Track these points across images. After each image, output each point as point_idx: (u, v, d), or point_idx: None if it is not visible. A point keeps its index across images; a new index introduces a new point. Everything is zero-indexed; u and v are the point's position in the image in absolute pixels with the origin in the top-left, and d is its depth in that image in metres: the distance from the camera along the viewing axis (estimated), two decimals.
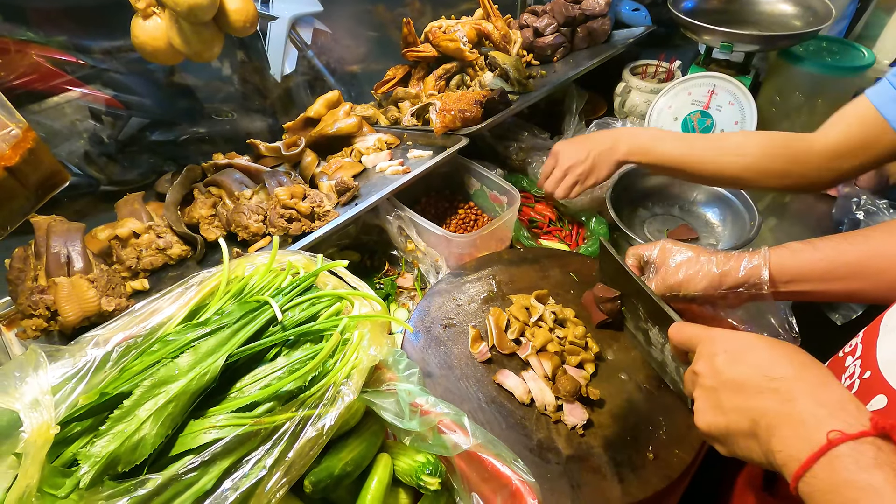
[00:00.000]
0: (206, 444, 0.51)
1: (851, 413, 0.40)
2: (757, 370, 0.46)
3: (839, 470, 0.37)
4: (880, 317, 0.53)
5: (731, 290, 0.71)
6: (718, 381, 0.49)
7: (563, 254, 1.03)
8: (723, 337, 0.52)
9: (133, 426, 0.48)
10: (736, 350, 0.50)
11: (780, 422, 0.42)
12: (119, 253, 0.90)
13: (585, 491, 0.65)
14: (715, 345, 0.52)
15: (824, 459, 0.38)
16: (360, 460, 0.62)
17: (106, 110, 1.29)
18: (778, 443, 0.42)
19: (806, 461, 0.39)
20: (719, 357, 0.50)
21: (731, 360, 0.49)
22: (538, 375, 0.76)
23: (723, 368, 0.49)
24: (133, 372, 0.55)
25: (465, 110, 1.11)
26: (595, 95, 1.62)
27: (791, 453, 0.40)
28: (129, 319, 0.63)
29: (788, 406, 0.42)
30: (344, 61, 1.52)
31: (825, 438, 0.38)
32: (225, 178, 1.00)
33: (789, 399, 0.43)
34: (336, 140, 1.16)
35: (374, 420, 0.65)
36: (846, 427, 0.38)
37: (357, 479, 0.62)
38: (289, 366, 0.59)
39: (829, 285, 0.66)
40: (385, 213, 1.07)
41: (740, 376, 0.47)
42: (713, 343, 0.52)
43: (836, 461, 0.38)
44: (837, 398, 0.41)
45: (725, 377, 0.49)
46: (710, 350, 0.52)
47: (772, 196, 1.36)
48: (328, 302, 0.68)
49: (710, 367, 0.51)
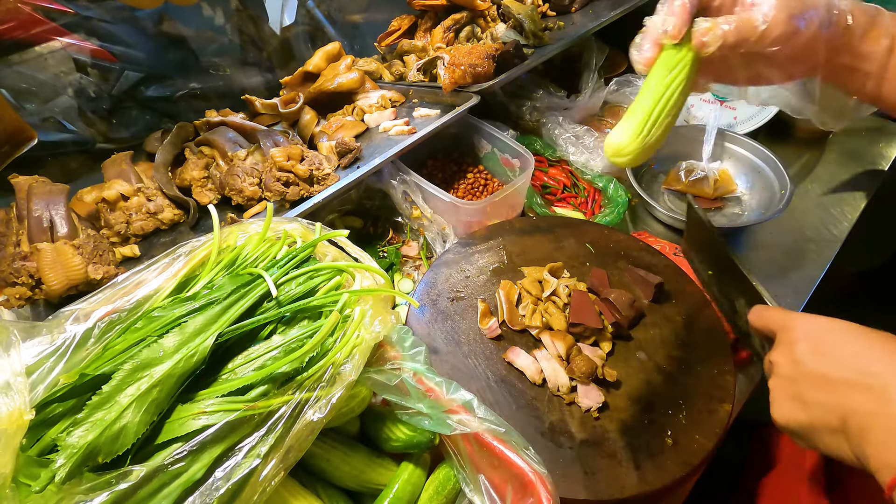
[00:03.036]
0: (194, 431, 0.47)
1: None
2: (847, 363, 0.43)
3: None
4: None
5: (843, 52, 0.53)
6: (798, 372, 0.45)
7: (579, 223, 0.97)
8: (805, 323, 0.48)
9: (113, 414, 0.44)
10: (820, 338, 0.46)
11: (874, 423, 0.39)
12: (107, 217, 0.85)
13: (599, 477, 0.62)
14: (795, 332, 0.48)
15: None
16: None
17: (92, 62, 1.21)
18: (872, 447, 0.38)
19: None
20: (800, 345, 0.46)
21: (814, 349, 0.45)
22: (551, 355, 0.71)
23: (804, 359, 0.45)
24: (116, 351, 0.51)
25: (476, 65, 1.02)
26: (615, 51, 1.50)
27: (887, 460, 0.37)
28: (112, 292, 0.58)
29: (885, 407, 0.39)
30: (345, 10, 1.41)
31: None
32: (218, 137, 0.93)
33: (886, 399, 0.39)
34: (337, 97, 1.08)
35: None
36: None
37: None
38: (285, 345, 0.55)
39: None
40: (389, 177, 1.00)
41: (826, 368, 0.44)
42: (793, 330, 0.48)
43: None
44: None
45: (807, 368, 0.45)
46: (789, 337, 0.48)
47: (802, 161, 1.28)
48: (327, 275, 0.63)
49: (789, 357, 0.47)
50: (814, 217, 1.11)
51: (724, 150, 1.13)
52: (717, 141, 1.10)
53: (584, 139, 1.16)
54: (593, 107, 1.28)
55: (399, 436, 0.62)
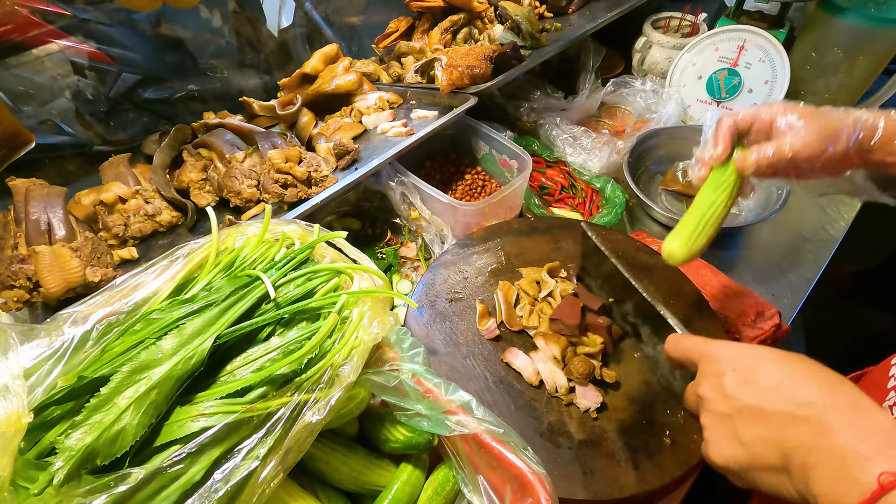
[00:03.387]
0: (193, 433, 0.47)
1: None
2: (778, 393, 0.40)
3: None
4: None
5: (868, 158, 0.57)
6: (732, 407, 0.43)
7: (576, 223, 0.97)
8: (727, 352, 0.46)
9: (112, 416, 0.44)
10: (746, 368, 0.43)
11: (817, 459, 0.36)
12: (105, 219, 0.85)
13: (598, 477, 0.62)
14: (720, 363, 0.45)
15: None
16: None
17: (89, 64, 1.20)
18: (818, 485, 0.36)
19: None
20: (728, 377, 0.44)
21: (743, 381, 0.43)
22: (546, 357, 0.71)
23: (735, 392, 0.43)
24: (114, 353, 0.51)
25: (473, 66, 1.02)
26: (612, 52, 1.51)
27: (835, 498, 0.35)
28: (110, 294, 0.58)
29: (825, 440, 0.36)
30: (343, 12, 1.41)
31: (876, 482, 0.33)
32: (215, 139, 0.93)
33: (824, 431, 0.37)
34: (334, 98, 1.08)
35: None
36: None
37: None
38: (283, 347, 0.55)
39: None
40: (387, 179, 1.00)
41: (759, 401, 0.41)
42: (717, 361, 0.45)
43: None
44: (880, 427, 0.36)
45: (740, 402, 0.42)
46: (715, 369, 0.45)
47: None
48: (325, 277, 0.63)
49: (718, 391, 0.44)
50: (810, 217, 1.12)
51: None
52: None
53: (581, 140, 1.16)
54: (591, 107, 1.29)
55: (398, 437, 0.62)
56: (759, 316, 0.84)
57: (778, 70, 1.13)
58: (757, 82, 1.16)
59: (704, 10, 1.38)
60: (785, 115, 0.58)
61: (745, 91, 1.18)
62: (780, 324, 0.84)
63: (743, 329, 0.82)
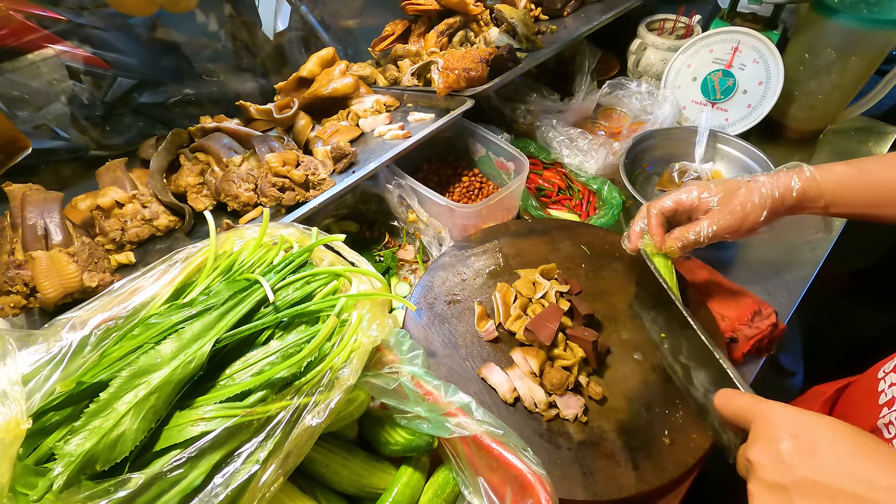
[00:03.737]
0: (193, 437, 0.47)
1: None
2: (846, 472, 0.37)
3: None
4: None
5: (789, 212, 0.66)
6: (789, 479, 0.38)
7: (574, 225, 0.98)
8: (788, 415, 0.41)
9: (111, 421, 0.44)
10: (809, 436, 0.39)
11: None
12: (102, 224, 0.84)
13: (598, 478, 0.62)
14: (778, 427, 0.41)
15: None
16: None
17: (85, 69, 1.20)
18: None
19: None
20: (786, 444, 0.39)
21: (805, 450, 0.39)
22: (524, 372, 0.71)
23: (794, 461, 0.38)
24: (113, 358, 0.51)
25: (469, 69, 1.02)
26: (607, 54, 1.52)
27: None
28: (108, 300, 0.58)
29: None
30: (339, 15, 1.42)
31: None
32: (212, 143, 0.93)
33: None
34: (331, 102, 1.08)
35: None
36: None
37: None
38: (282, 350, 0.55)
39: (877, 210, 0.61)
40: (385, 182, 1.00)
41: (823, 476, 0.37)
42: (775, 425, 0.41)
43: None
44: None
45: (799, 474, 0.38)
46: (771, 434, 0.41)
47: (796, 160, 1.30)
48: (324, 280, 0.63)
49: (773, 458, 0.40)
50: (805, 217, 1.12)
51: (716, 151, 1.14)
52: (709, 142, 1.11)
53: (577, 142, 1.17)
54: (587, 109, 1.29)
55: (398, 439, 0.62)
56: (756, 315, 0.84)
57: (772, 71, 1.14)
58: (751, 83, 1.17)
59: (698, 12, 1.39)
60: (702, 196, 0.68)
61: (740, 92, 1.19)
62: (777, 323, 0.84)
63: (740, 328, 0.82)
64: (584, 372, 0.72)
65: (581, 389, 0.70)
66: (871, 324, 1.53)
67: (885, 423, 0.54)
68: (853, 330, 1.52)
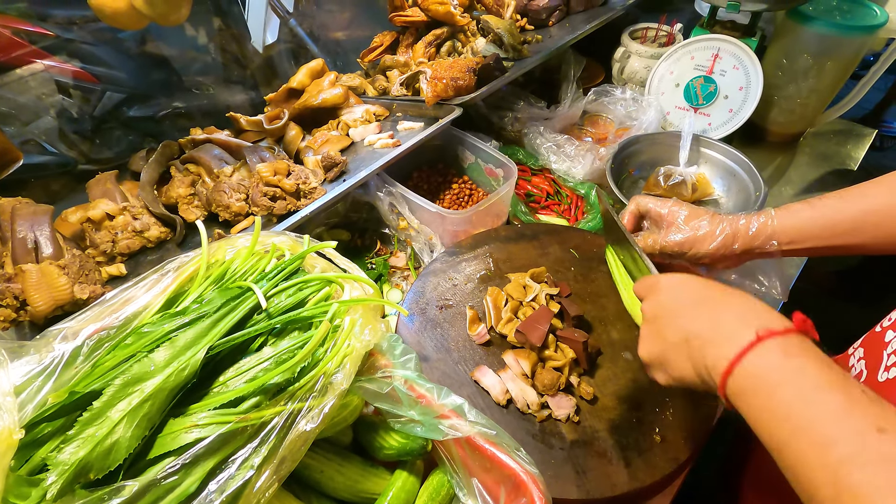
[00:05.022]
0: (187, 444, 0.47)
1: (776, 318, 0.43)
2: (690, 295, 0.51)
3: (768, 359, 0.40)
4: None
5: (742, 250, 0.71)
6: (659, 311, 0.53)
7: (563, 229, 0.99)
8: (667, 278, 0.55)
9: (105, 429, 0.44)
10: (673, 285, 0.53)
11: (712, 335, 0.45)
12: (92, 236, 0.84)
13: (591, 476, 0.63)
14: (660, 285, 0.55)
15: (752, 354, 0.41)
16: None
17: (74, 83, 1.21)
18: (710, 353, 0.44)
19: (735, 357, 0.41)
20: (662, 294, 0.54)
21: (669, 293, 0.53)
22: (515, 374, 0.72)
23: (663, 301, 0.53)
24: (105, 367, 0.51)
25: (457, 78, 1.04)
26: (592, 62, 1.55)
27: (721, 353, 0.43)
28: (100, 310, 0.58)
29: (719, 317, 0.46)
30: (327, 27, 1.43)
31: (754, 335, 0.41)
32: (203, 154, 0.94)
33: (719, 313, 0.46)
34: (321, 112, 1.09)
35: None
36: (773, 326, 0.41)
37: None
38: (276, 356, 0.55)
39: (830, 241, 0.67)
40: (375, 190, 1.01)
41: (676, 302, 0.51)
42: (657, 284, 0.55)
43: (766, 353, 0.40)
44: (763, 308, 0.45)
45: (664, 307, 0.52)
46: (656, 289, 0.55)
47: (776, 164, 1.33)
48: (316, 286, 0.63)
49: (655, 304, 0.54)
50: None
51: (700, 154, 1.17)
52: (692, 146, 1.14)
53: (565, 148, 1.19)
54: (573, 116, 1.31)
55: (392, 444, 0.62)
56: None
57: (751, 77, 1.17)
58: (732, 88, 1.20)
59: (679, 20, 1.42)
60: (672, 208, 0.75)
61: (722, 97, 1.22)
62: None
63: None
64: (576, 372, 0.73)
65: (572, 390, 0.71)
66: (857, 323, 1.55)
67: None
68: (843, 328, 1.55)
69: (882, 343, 0.56)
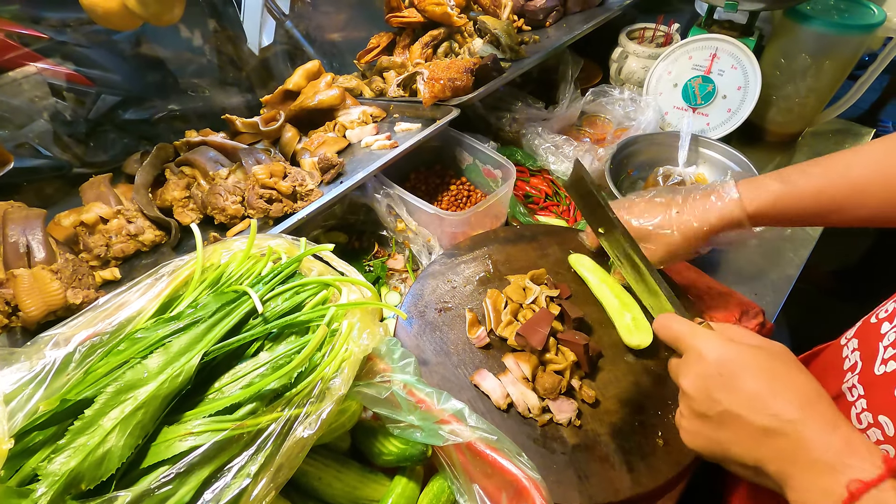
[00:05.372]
0: (182, 452, 0.46)
1: (865, 457, 0.38)
2: (760, 406, 0.42)
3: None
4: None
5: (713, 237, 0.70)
6: (713, 410, 0.44)
7: (562, 230, 0.99)
8: (715, 352, 0.46)
9: (97, 438, 0.43)
10: (731, 373, 0.44)
11: (793, 470, 0.40)
12: (86, 240, 0.83)
13: (594, 481, 0.62)
14: (705, 363, 0.46)
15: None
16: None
17: (68, 86, 1.20)
18: (794, 492, 0.40)
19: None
20: (712, 381, 0.45)
21: (726, 386, 0.44)
22: (516, 378, 0.71)
23: (717, 396, 0.44)
24: (98, 374, 0.50)
25: (455, 79, 1.03)
26: (590, 63, 1.54)
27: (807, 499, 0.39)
28: (92, 315, 0.57)
29: (801, 454, 0.40)
30: (324, 29, 1.42)
31: (846, 491, 0.37)
32: (198, 156, 0.93)
33: (800, 447, 0.40)
34: (317, 114, 1.09)
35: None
36: (863, 474, 0.37)
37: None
38: (272, 362, 0.54)
39: (805, 221, 0.67)
40: (373, 192, 1.00)
41: (740, 409, 0.43)
42: (703, 359, 0.46)
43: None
44: (847, 440, 0.39)
45: (721, 407, 0.44)
46: (700, 369, 0.46)
47: (775, 164, 1.32)
48: (313, 290, 0.62)
49: (702, 392, 0.45)
50: None
51: (699, 154, 1.16)
52: (691, 146, 1.13)
53: (563, 148, 1.18)
54: (571, 117, 1.31)
55: (391, 449, 0.61)
56: (743, 315, 0.85)
57: (750, 76, 1.17)
58: (730, 88, 1.20)
59: (677, 20, 1.42)
60: (634, 221, 0.73)
61: (720, 97, 1.22)
62: (765, 322, 0.85)
63: None
64: (577, 375, 0.72)
65: (574, 393, 0.70)
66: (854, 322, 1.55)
67: (848, 388, 0.56)
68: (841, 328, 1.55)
69: (877, 335, 0.55)
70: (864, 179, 0.60)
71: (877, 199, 0.60)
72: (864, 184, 0.60)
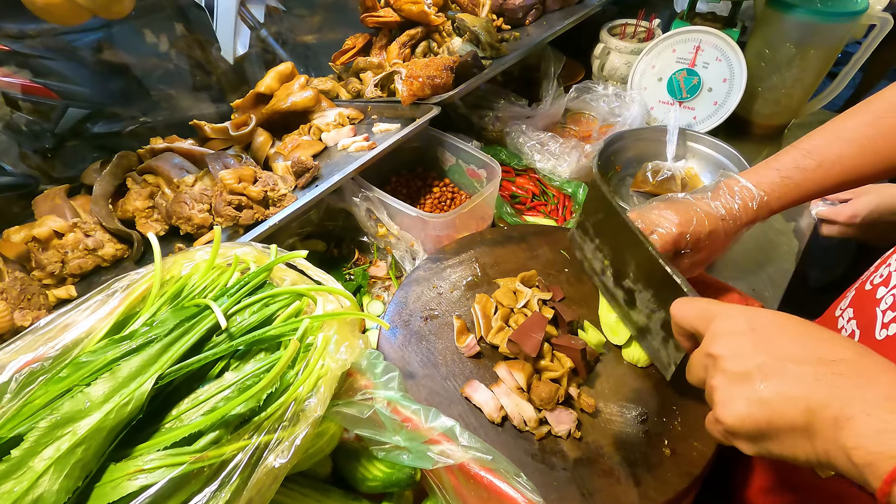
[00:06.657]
0: (131, 493, 0.40)
1: None
2: (806, 350, 0.38)
3: None
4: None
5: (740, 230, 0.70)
6: (753, 364, 0.39)
7: (551, 229, 0.94)
8: (745, 312, 0.42)
9: (25, 483, 0.37)
10: (765, 327, 0.41)
11: (855, 411, 0.33)
12: (38, 257, 0.76)
13: (598, 498, 0.57)
14: (737, 322, 0.42)
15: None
16: None
17: (30, 99, 1.13)
18: (856, 437, 0.33)
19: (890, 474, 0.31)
20: (747, 336, 0.41)
21: (765, 339, 0.40)
22: (510, 388, 0.66)
23: (757, 349, 0.39)
24: (35, 407, 0.43)
25: (434, 76, 0.99)
26: (572, 61, 1.52)
27: (877, 450, 0.32)
28: (33, 339, 0.50)
29: (867, 391, 0.34)
30: (297, 31, 1.38)
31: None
32: (162, 163, 0.87)
33: (865, 382, 0.34)
34: (291, 116, 1.03)
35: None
36: None
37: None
38: (238, 383, 0.49)
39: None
40: (351, 195, 0.95)
41: (783, 358, 0.38)
42: (734, 320, 0.42)
43: None
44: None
45: (761, 359, 0.39)
46: (732, 328, 0.42)
47: (762, 156, 1.30)
48: (285, 301, 0.57)
49: (736, 349, 0.41)
50: None
51: (687, 149, 1.14)
52: (679, 140, 1.11)
53: (549, 146, 1.14)
54: (555, 114, 1.28)
55: (376, 474, 0.56)
56: None
57: (735, 68, 1.15)
58: (716, 81, 1.18)
59: (658, 16, 1.40)
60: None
61: (706, 90, 1.20)
62: None
63: None
64: (574, 383, 0.67)
65: (572, 402, 0.65)
66: None
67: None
68: None
69: (873, 300, 0.52)
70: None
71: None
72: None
